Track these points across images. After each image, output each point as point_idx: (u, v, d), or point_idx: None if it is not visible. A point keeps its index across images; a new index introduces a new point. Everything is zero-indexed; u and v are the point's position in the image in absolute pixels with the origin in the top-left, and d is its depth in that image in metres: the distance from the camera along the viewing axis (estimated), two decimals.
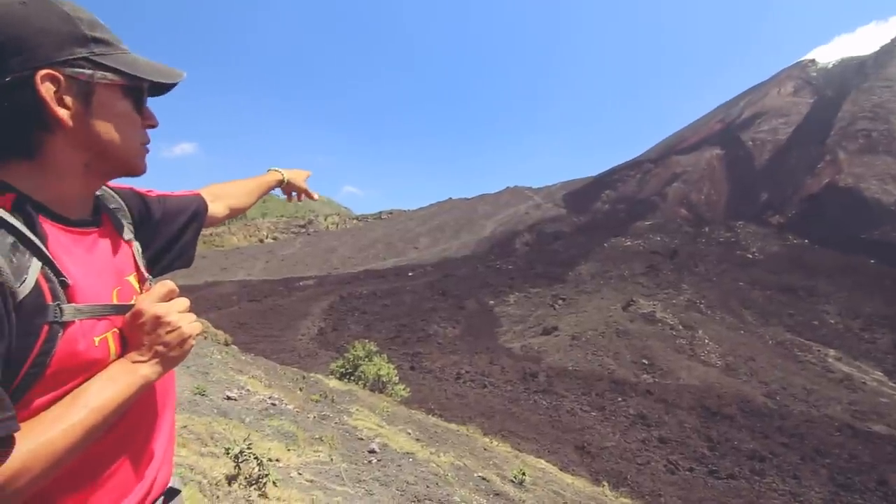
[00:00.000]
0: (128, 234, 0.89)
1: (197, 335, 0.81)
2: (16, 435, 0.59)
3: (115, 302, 0.76)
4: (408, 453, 6.25)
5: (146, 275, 0.88)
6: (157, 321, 0.75)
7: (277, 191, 1.47)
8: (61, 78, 0.69)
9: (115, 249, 0.83)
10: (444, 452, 7.30)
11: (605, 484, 10.87)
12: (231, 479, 3.86)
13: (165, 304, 0.78)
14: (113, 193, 0.91)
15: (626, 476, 12.84)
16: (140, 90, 0.80)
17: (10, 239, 0.63)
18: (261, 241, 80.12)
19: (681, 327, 26.03)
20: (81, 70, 0.71)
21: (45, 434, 0.62)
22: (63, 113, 0.70)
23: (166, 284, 0.81)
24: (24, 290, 0.62)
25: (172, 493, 0.91)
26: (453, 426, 10.77)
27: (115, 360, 0.73)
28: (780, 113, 75.70)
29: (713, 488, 12.93)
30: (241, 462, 3.96)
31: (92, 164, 0.76)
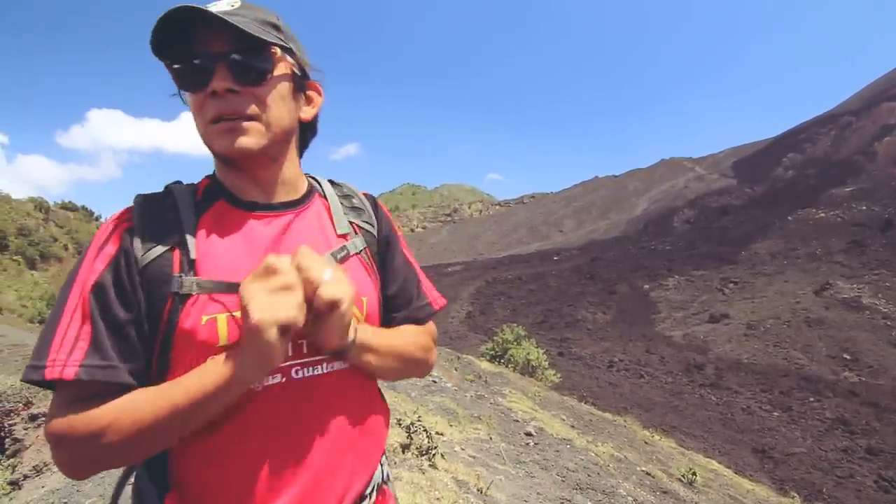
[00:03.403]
0: (344, 229, 0.84)
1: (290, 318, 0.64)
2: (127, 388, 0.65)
3: None
4: (565, 439, 6.22)
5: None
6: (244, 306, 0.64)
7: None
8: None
9: (301, 236, 0.79)
10: (601, 442, 7.10)
11: (795, 495, 9.48)
12: (405, 448, 4.30)
13: (256, 284, 0.64)
14: (363, 198, 0.92)
15: (821, 489, 11.00)
16: (178, 71, 0.73)
17: (164, 210, 0.72)
18: (412, 230, 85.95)
19: None
20: None
21: (137, 399, 0.64)
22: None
23: (264, 261, 0.65)
24: (149, 256, 0.68)
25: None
26: (608, 416, 10.37)
27: (225, 346, 0.68)
28: None
29: None
30: (413, 433, 4.38)
31: None
